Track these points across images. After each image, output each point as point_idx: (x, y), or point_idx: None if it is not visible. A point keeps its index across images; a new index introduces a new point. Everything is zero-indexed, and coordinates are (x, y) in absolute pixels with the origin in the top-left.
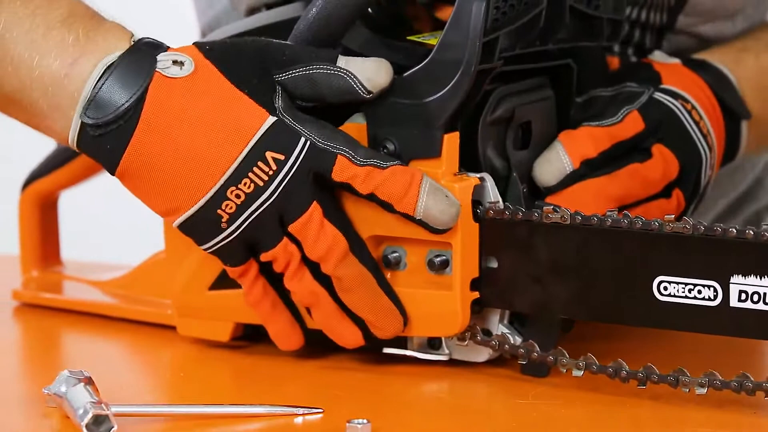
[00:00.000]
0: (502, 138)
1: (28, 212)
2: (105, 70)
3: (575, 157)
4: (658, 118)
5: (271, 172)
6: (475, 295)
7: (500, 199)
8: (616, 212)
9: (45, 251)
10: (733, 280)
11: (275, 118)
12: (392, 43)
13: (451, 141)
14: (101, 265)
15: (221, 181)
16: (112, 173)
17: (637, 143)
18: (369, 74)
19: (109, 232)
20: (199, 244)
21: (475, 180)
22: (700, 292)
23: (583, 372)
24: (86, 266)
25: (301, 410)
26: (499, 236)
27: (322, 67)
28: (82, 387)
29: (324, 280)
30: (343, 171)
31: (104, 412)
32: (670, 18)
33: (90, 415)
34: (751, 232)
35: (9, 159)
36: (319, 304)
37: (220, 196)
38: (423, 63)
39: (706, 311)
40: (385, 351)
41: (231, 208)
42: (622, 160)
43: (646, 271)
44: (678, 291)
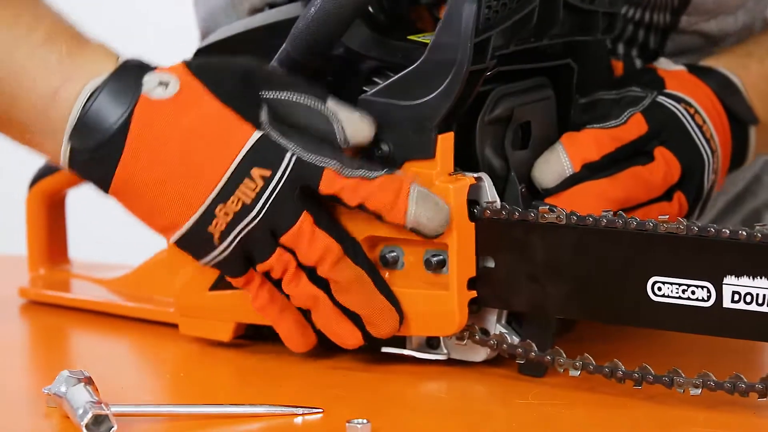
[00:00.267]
0: (500, 138)
1: (36, 210)
2: (91, 94)
3: (576, 160)
4: (660, 120)
5: (257, 189)
6: (472, 294)
7: (498, 198)
8: (611, 213)
9: (52, 249)
10: (726, 280)
11: (261, 133)
12: (392, 42)
13: (445, 141)
14: (108, 264)
15: (208, 201)
16: (106, 193)
17: (639, 146)
18: (354, 127)
19: (117, 230)
20: (196, 259)
21: (470, 180)
22: (693, 292)
23: (580, 372)
24: (93, 265)
25: (301, 410)
26: (495, 236)
27: (311, 102)
28: (82, 387)
29: (321, 282)
30: (330, 184)
31: (104, 412)
32: (674, 18)
33: (90, 415)
34: (744, 233)
35: (16, 156)
36: (318, 306)
37: (208, 214)
38: (416, 64)
39: (699, 312)
40: (384, 350)
41: (221, 225)
42: (624, 163)
43: (641, 272)
44: (672, 291)
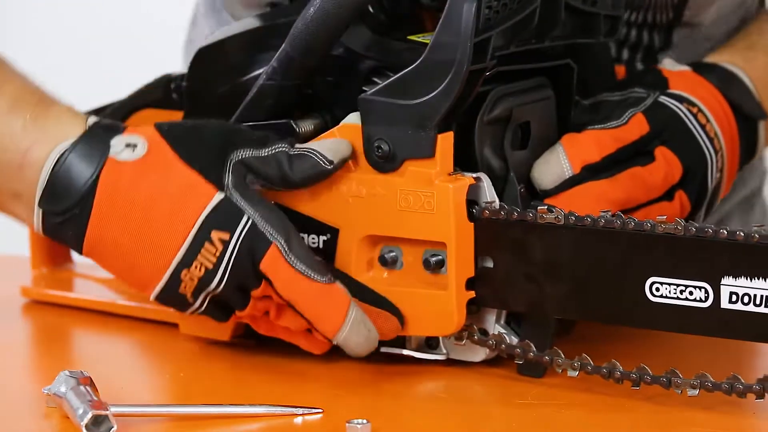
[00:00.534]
0: (499, 138)
1: None
2: (59, 158)
3: (576, 162)
4: (662, 120)
5: (218, 253)
6: (471, 294)
7: (497, 198)
8: (609, 213)
9: (55, 248)
10: (723, 281)
11: (222, 195)
12: (392, 42)
13: (445, 141)
14: None
15: (172, 266)
16: (81, 254)
17: (641, 146)
18: (329, 145)
19: None
20: (180, 312)
21: (470, 180)
22: (691, 293)
23: (578, 372)
24: (96, 264)
25: (301, 410)
26: (494, 236)
27: (285, 148)
28: (81, 387)
29: None
30: (270, 264)
31: (104, 412)
32: (676, 13)
33: (90, 415)
34: (742, 234)
35: None
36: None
37: (175, 279)
38: (416, 63)
39: (697, 312)
40: (383, 350)
41: (190, 288)
42: (624, 163)
43: (639, 272)
44: (670, 292)
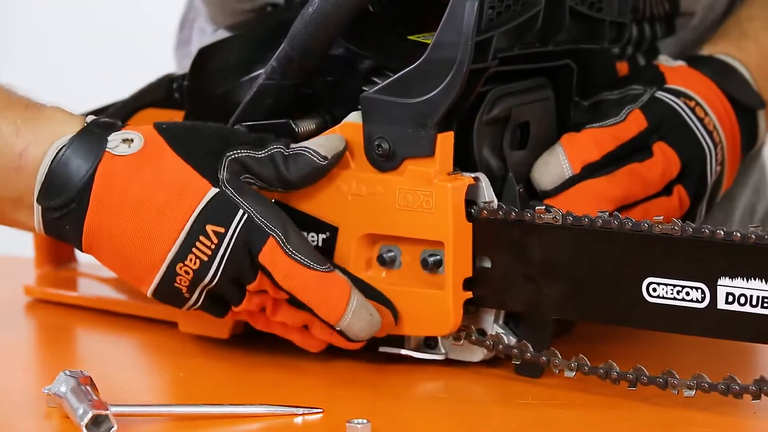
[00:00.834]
0: (498, 138)
1: None
2: (56, 154)
3: (576, 162)
4: (659, 115)
5: (213, 246)
6: (468, 294)
7: (495, 199)
8: (606, 213)
9: (58, 248)
10: (720, 282)
11: (217, 190)
12: (392, 42)
13: (445, 140)
14: None
15: (168, 259)
16: (81, 250)
17: (639, 142)
18: (321, 142)
19: None
20: (177, 308)
21: (469, 180)
22: (688, 293)
23: (575, 373)
24: (99, 263)
25: (301, 410)
26: (492, 236)
27: (280, 149)
28: (81, 387)
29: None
30: (268, 255)
31: (104, 412)
32: (672, 4)
33: (90, 415)
34: (738, 234)
35: None
36: (312, 323)
37: (170, 273)
38: (417, 62)
39: (694, 313)
40: (382, 350)
41: (185, 282)
42: (623, 160)
43: (636, 272)
44: (667, 292)
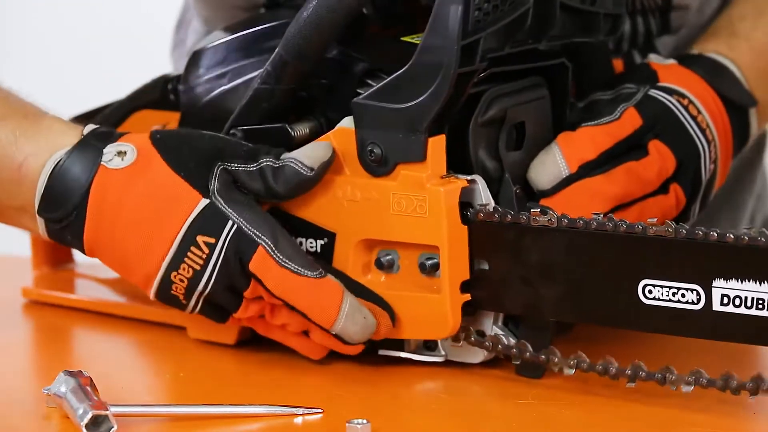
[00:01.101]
0: (494, 139)
1: None
2: (54, 167)
3: (573, 161)
4: (654, 113)
5: (204, 256)
6: (466, 297)
7: (492, 201)
8: (601, 215)
9: (56, 249)
10: (715, 284)
11: (207, 201)
12: (386, 44)
13: (436, 144)
14: None
15: (163, 268)
16: (86, 255)
17: (635, 140)
18: (307, 152)
19: None
20: (180, 311)
21: (462, 182)
22: (683, 295)
23: (574, 370)
24: (97, 264)
25: (301, 410)
26: (489, 239)
27: (270, 161)
28: (81, 387)
29: None
30: (259, 264)
31: (104, 412)
32: None
33: (89, 415)
34: (732, 236)
35: None
36: (311, 328)
37: (166, 281)
38: (405, 67)
39: (689, 315)
40: (381, 353)
41: (181, 289)
42: (619, 158)
43: (632, 274)
44: (662, 294)
